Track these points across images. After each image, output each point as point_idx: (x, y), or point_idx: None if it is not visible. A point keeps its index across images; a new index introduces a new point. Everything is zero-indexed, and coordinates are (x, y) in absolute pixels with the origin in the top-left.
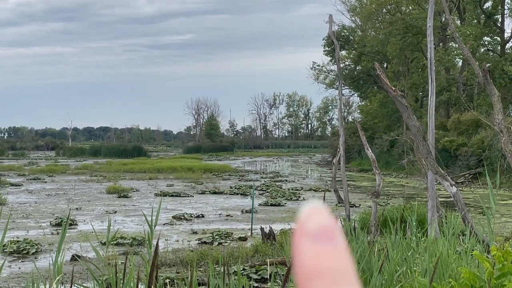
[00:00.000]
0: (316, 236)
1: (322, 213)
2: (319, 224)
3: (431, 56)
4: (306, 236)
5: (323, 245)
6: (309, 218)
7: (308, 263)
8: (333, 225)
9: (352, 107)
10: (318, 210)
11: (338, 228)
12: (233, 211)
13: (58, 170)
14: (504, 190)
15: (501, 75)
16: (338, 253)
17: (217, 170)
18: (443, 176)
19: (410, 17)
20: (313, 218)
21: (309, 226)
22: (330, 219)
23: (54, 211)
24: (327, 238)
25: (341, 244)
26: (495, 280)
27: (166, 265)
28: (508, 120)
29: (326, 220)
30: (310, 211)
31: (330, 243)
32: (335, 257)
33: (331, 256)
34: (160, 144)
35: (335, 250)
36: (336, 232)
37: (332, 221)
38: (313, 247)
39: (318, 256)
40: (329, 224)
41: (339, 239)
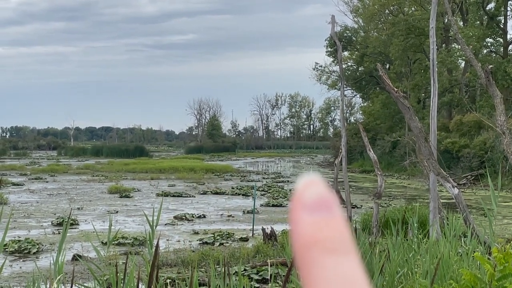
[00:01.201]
0: (313, 207)
1: (319, 184)
2: (316, 195)
3: (433, 57)
4: (303, 207)
5: (320, 215)
6: (306, 190)
7: (306, 233)
8: (330, 196)
9: (354, 108)
10: (314, 182)
11: (335, 199)
12: (235, 212)
13: (60, 169)
14: (506, 192)
15: (503, 76)
16: (335, 223)
17: (219, 170)
18: (445, 178)
19: (412, 18)
20: (310, 190)
21: (306, 197)
22: (326, 190)
23: (56, 211)
24: (324, 209)
25: (338, 214)
26: (496, 282)
27: (167, 265)
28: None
29: (323, 191)
30: (307, 183)
31: (327, 213)
32: (332, 227)
33: (328, 225)
34: (162, 144)
35: (332, 220)
36: (333, 202)
37: (329, 192)
38: (311, 217)
39: (315, 226)
40: (326, 195)
41: (336, 210)
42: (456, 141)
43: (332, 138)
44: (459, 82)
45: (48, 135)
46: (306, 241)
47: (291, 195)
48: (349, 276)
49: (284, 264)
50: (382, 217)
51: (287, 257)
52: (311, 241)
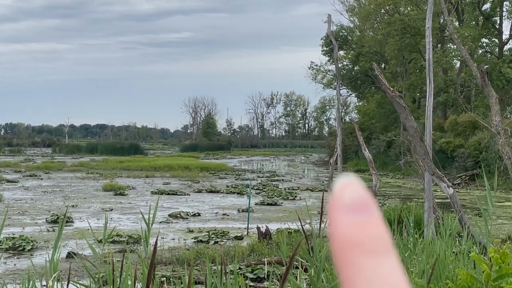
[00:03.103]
0: (352, 208)
1: (357, 185)
2: (355, 196)
3: (429, 57)
4: (342, 208)
5: (359, 216)
6: (344, 191)
7: (345, 234)
8: (368, 197)
9: (349, 107)
10: (353, 183)
11: (373, 200)
12: (230, 210)
13: (55, 167)
14: (501, 192)
15: (498, 77)
16: (374, 224)
17: (213, 168)
18: (440, 177)
19: (408, 18)
20: (348, 190)
21: (344, 198)
22: (364, 191)
23: (50, 208)
24: (363, 209)
25: (377, 215)
26: (493, 282)
27: (162, 263)
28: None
29: (361, 192)
30: (345, 184)
31: (365, 214)
32: (371, 228)
33: (367, 226)
34: (157, 142)
35: (371, 221)
36: (371, 203)
37: (367, 193)
38: (350, 218)
39: (355, 227)
40: (364, 196)
41: (374, 210)
42: (451, 141)
43: (327, 137)
44: (455, 82)
45: (42, 132)
46: (345, 242)
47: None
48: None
49: (279, 263)
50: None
51: (282, 256)
52: (351, 242)
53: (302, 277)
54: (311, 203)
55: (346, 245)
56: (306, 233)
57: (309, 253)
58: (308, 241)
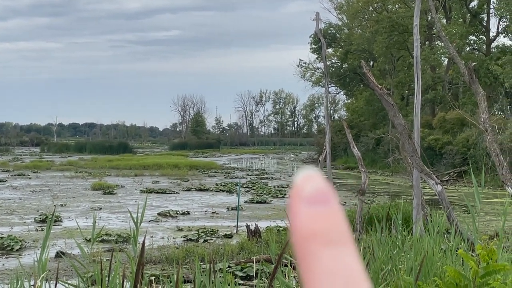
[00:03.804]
0: (312, 200)
1: (317, 178)
2: (314, 188)
3: (417, 54)
4: (302, 200)
5: (319, 208)
6: (304, 183)
7: (305, 226)
8: (328, 189)
9: (338, 105)
10: (312, 175)
11: (333, 192)
12: (219, 208)
13: (43, 166)
14: (489, 189)
15: (486, 74)
16: (333, 215)
17: (203, 167)
18: (428, 174)
19: (396, 16)
20: (309, 183)
21: (304, 191)
22: (324, 183)
23: (39, 208)
24: (323, 201)
25: (336, 207)
26: (480, 278)
27: (151, 262)
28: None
29: (321, 184)
30: (305, 176)
31: (325, 205)
32: (330, 219)
33: (326, 218)
34: (146, 140)
35: (330, 213)
36: (330, 195)
37: (327, 185)
38: (309, 210)
39: (314, 219)
40: (324, 188)
41: (334, 203)
42: (439, 138)
43: (316, 135)
44: (443, 79)
45: (31, 131)
46: (304, 233)
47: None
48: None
49: (268, 261)
50: (366, 214)
51: (271, 254)
52: (310, 233)
53: (291, 275)
54: None
55: (305, 236)
56: None
57: None
58: None
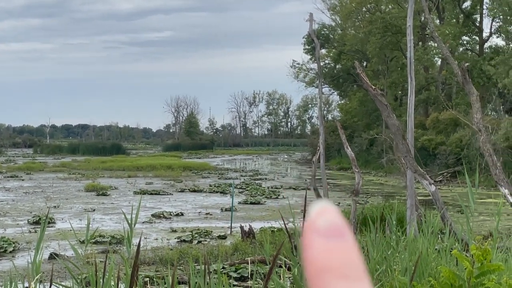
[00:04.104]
0: (327, 233)
1: (332, 211)
2: (329, 222)
3: (410, 55)
4: (317, 233)
5: (333, 242)
6: (319, 216)
7: (319, 259)
8: (342, 222)
9: (331, 105)
10: (327, 208)
11: (347, 226)
12: (213, 209)
13: (36, 167)
14: (482, 189)
15: (479, 74)
16: (348, 249)
17: (196, 168)
18: (422, 175)
19: (389, 16)
20: (323, 216)
21: (319, 224)
22: (339, 217)
23: (32, 209)
24: (337, 235)
25: (351, 241)
26: (475, 279)
27: (145, 263)
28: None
29: (335, 218)
30: (320, 209)
31: (340, 239)
32: (345, 253)
33: (341, 252)
34: (139, 141)
35: (345, 247)
36: (345, 229)
37: (341, 219)
38: (324, 243)
39: (328, 252)
40: (339, 222)
41: (348, 236)
42: (433, 139)
43: (310, 135)
44: (436, 79)
45: (23, 133)
46: (319, 266)
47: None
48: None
49: (263, 262)
50: (360, 214)
51: (265, 255)
52: (324, 267)
53: (285, 276)
54: (294, 201)
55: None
56: (289, 232)
57: (292, 252)
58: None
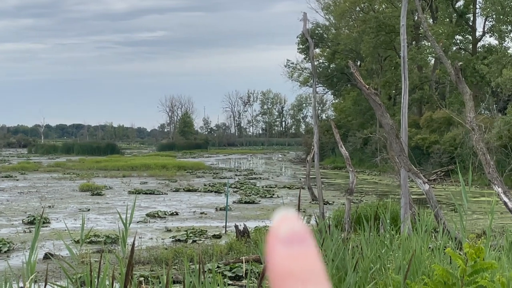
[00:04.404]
0: (288, 240)
1: (293, 219)
2: (290, 229)
3: (404, 54)
4: (278, 240)
5: (294, 248)
6: (281, 224)
7: (280, 265)
8: (304, 230)
9: (326, 105)
10: (289, 216)
11: (308, 233)
12: (207, 209)
13: (31, 167)
14: (476, 187)
15: (472, 73)
16: (308, 256)
17: (191, 167)
18: (415, 174)
19: (383, 16)
20: (285, 223)
21: (281, 231)
22: (300, 224)
23: (27, 209)
24: (298, 242)
25: (311, 248)
26: (468, 277)
27: (140, 263)
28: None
29: (297, 225)
30: (282, 217)
31: (300, 246)
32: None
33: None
34: (134, 141)
35: (305, 253)
36: (306, 236)
37: (303, 226)
38: (285, 250)
39: (289, 259)
40: (300, 229)
41: (309, 243)
42: (427, 137)
43: (304, 135)
44: (429, 79)
45: (18, 133)
46: (281, 272)
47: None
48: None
49: (257, 261)
50: (354, 213)
51: (260, 254)
52: (286, 272)
53: None
54: (288, 200)
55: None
56: None
57: None
58: None
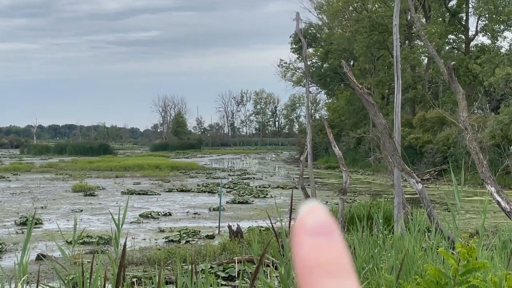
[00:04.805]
0: (315, 232)
1: (320, 210)
2: (318, 221)
3: (397, 54)
4: (305, 232)
5: (322, 240)
6: (308, 215)
7: (308, 257)
8: (331, 221)
9: (319, 104)
10: (316, 207)
11: (335, 224)
12: (201, 209)
13: (23, 168)
14: (469, 187)
15: (465, 72)
16: (336, 248)
17: (184, 168)
18: (409, 173)
19: (376, 15)
20: (312, 215)
21: (308, 223)
22: (328, 216)
23: (19, 210)
24: (325, 234)
25: (339, 239)
26: (460, 276)
27: (133, 263)
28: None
29: (324, 216)
30: (309, 208)
31: (328, 238)
32: (332, 251)
33: (329, 250)
34: (127, 141)
35: (332, 245)
36: (333, 228)
37: (330, 218)
38: (312, 242)
39: (316, 250)
40: (327, 221)
41: (336, 235)
42: (420, 137)
43: (298, 134)
44: (422, 78)
45: (10, 133)
46: (308, 264)
47: (295, 221)
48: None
49: (250, 261)
50: (348, 213)
51: (253, 254)
52: (313, 264)
53: (273, 275)
54: (282, 200)
55: (308, 267)
56: (277, 231)
57: (279, 251)
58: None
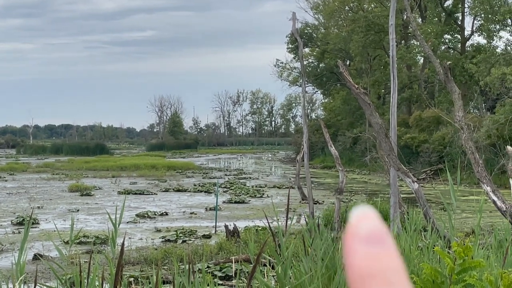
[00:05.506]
0: (368, 240)
1: (373, 217)
2: (370, 228)
3: (393, 53)
4: (358, 239)
5: (375, 248)
6: (360, 222)
7: (361, 265)
8: (384, 229)
9: (315, 104)
10: (368, 214)
11: (388, 232)
12: (197, 209)
13: (19, 168)
14: (465, 186)
15: (461, 72)
16: (389, 256)
17: (180, 167)
18: (405, 173)
19: (372, 15)
20: (364, 222)
21: (360, 230)
22: (380, 223)
23: (15, 210)
24: (378, 241)
25: (392, 247)
26: (456, 275)
27: (130, 263)
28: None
29: (376, 224)
30: (360, 215)
31: (381, 246)
32: (386, 259)
33: (382, 258)
34: (123, 141)
35: (386, 253)
36: (386, 235)
37: (382, 225)
38: (365, 250)
39: (370, 259)
40: (380, 228)
41: (389, 242)
42: (416, 137)
43: (294, 134)
44: (418, 78)
45: (6, 133)
46: (361, 273)
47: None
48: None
49: (247, 260)
50: (344, 213)
51: (250, 254)
52: (367, 274)
53: (270, 274)
54: (278, 200)
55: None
56: (273, 231)
57: (276, 251)
58: (275, 239)
